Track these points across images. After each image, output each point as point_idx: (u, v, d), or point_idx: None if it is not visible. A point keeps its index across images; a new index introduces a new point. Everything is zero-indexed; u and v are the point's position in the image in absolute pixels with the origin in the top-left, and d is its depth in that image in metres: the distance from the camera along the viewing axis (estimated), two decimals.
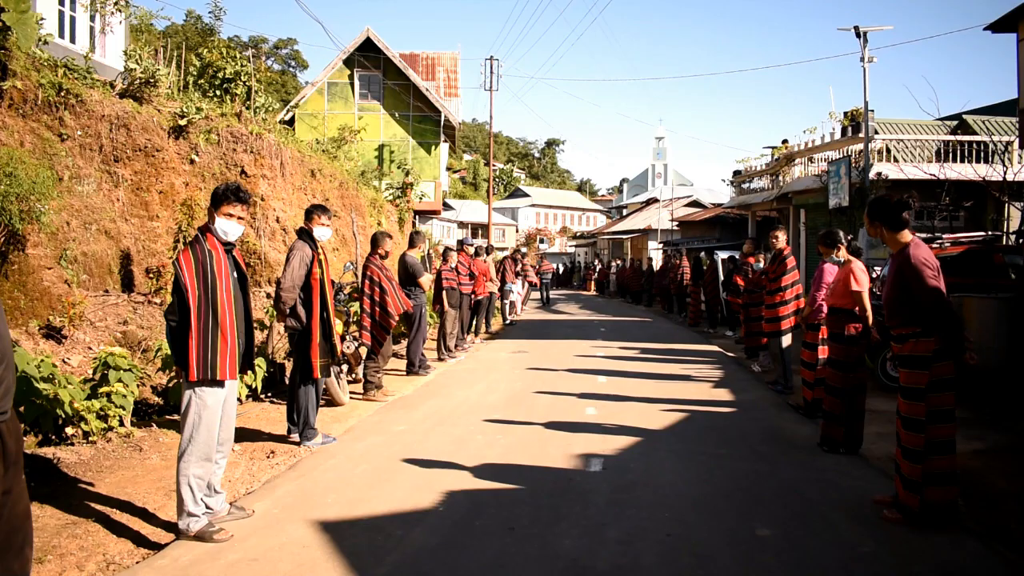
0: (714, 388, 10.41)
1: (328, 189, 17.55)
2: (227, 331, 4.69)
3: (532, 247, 59.93)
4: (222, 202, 4.86)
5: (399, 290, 9.68)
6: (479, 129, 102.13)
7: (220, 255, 4.78)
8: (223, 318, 4.67)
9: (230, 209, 4.87)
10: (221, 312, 4.67)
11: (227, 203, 4.86)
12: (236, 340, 4.76)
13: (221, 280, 4.71)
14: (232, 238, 4.89)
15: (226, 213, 4.86)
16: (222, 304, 4.68)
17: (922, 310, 4.84)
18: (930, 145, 22.30)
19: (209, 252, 4.75)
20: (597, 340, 16.75)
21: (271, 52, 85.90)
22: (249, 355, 5.14)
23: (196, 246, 4.77)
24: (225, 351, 4.67)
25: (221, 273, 4.73)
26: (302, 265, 6.71)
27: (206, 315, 4.64)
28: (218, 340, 4.65)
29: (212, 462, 4.79)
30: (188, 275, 4.64)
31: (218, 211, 4.86)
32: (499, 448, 7.03)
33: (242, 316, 4.94)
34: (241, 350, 4.88)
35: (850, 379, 6.72)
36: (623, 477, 6.09)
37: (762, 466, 6.48)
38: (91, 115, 11.25)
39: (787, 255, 9.85)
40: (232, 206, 4.88)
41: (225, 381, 4.74)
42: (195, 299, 4.63)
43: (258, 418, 8.25)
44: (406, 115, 30.49)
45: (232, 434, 5.11)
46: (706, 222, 38.23)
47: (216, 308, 4.66)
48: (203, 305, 4.64)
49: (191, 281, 4.63)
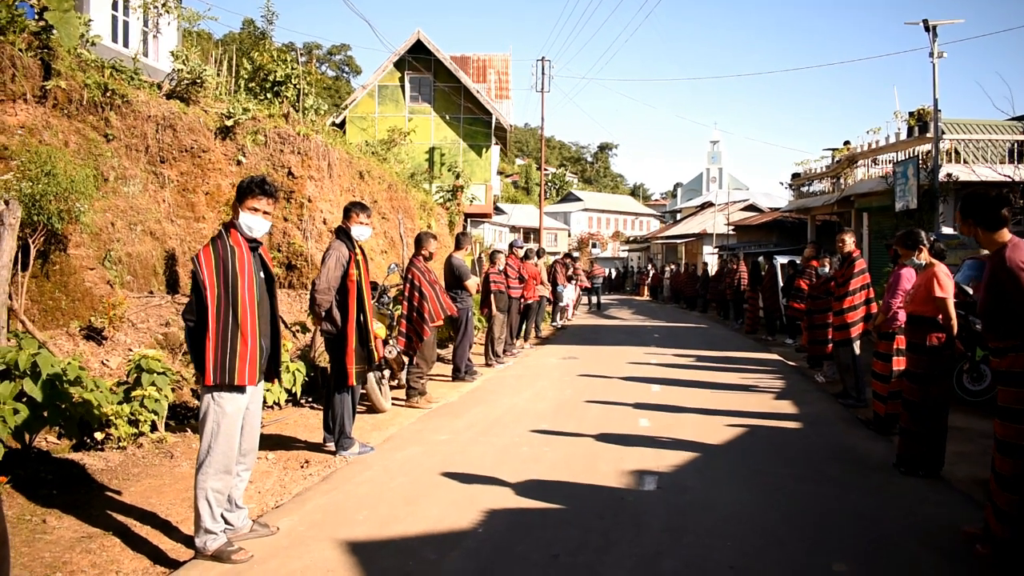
0: (776, 400, 9.81)
1: (376, 191, 17.33)
2: (248, 333, 4.34)
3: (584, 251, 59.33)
4: (246, 195, 4.53)
5: (442, 294, 9.30)
6: (531, 133, 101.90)
7: (244, 252, 4.45)
8: (244, 319, 4.32)
9: (255, 203, 4.52)
10: (242, 312, 4.32)
11: (251, 196, 4.52)
12: (258, 344, 4.41)
13: (243, 279, 4.36)
14: (257, 234, 4.55)
15: (251, 207, 4.51)
16: (243, 304, 4.33)
17: (1022, 320, 4.27)
18: (1002, 145, 21.20)
19: (232, 249, 4.41)
20: (650, 347, 16.20)
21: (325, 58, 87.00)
22: (275, 361, 4.78)
23: (218, 242, 4.44)
24: (245, 354, 4.32)
25: (244, 271, 4.38)
26: (338, 266, 6.36)
27: (225, 315, 4.30)
28: (238, 343, 4.30)
29: (232, 475, 4.45)
30: (207, 272, 4.30)
31: (242, 205, 4.52)
32: (545, 462, 6.58)
33: (267, 319, 4.59)
34: (264, 355, 4.53)
35: (931, 394, 6.11)
36: (680, 498, 5.60)
37: (833, 489, 5.92)
38: (137, 116, 11.17)
39: (856, 258, 9.23)
40: (257, 199, 4.53)
41: (246, 387, 4.38)
42: (213, 298, 4.29)
43: (296, 425, 7.95)
44: (457, 117, 30.24)
45: (256, 444, 4.76)
46: (763, 226, 37.32)
47: (237, 308, 4.31)
48: (223, 305, 4.30)
49: (210, 278, 4.30)
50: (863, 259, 9.33)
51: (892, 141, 22.00)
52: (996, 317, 4.39)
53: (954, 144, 20.19)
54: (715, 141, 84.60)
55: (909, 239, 6.74)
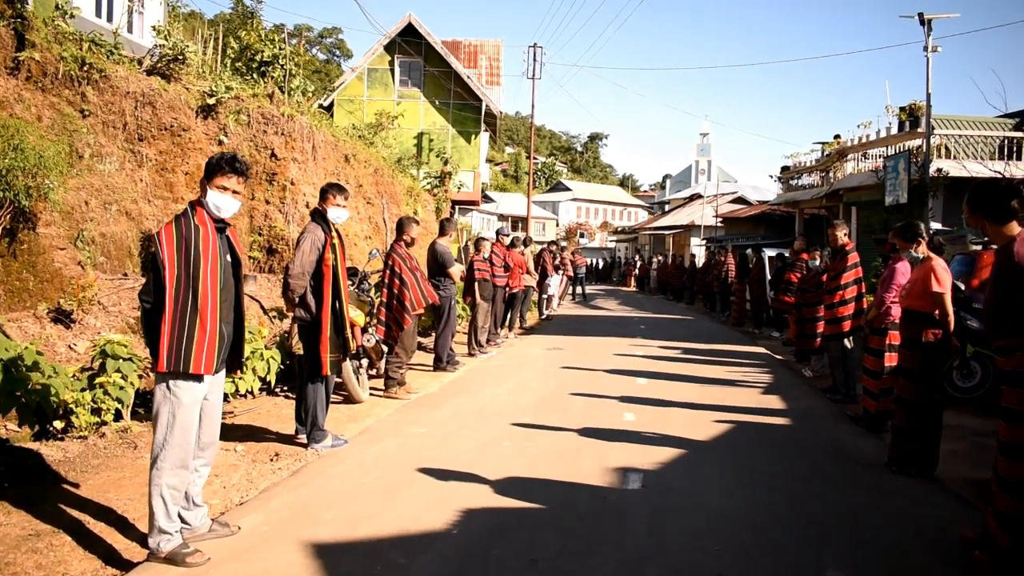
0: (764, 394, 9.59)
1: (362, 175, 17.00)
2: (208, 318, 4.05)
3: (572, 241, 59.05)
4: (215, 172, 4.23)
5: (424, 282, 9.01)
6: (521, 122, 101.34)
7: (209, 232, 4.15)
8: (204, 303, 4.03)
9: (224, 181, 4.23)
10: (203, 295, 4.03)
11: (220, 174, 4.22)
12: (218, 330, 4.12)
13: (206, 260, 4.07)
14: (225, 214, 4.26)
15: (219, 186, 4.22)
16: (204, 287, 4.04)
17: None
18: (991, 142, 21.05)
19: (196, 228, 4.11)
20: (637, 338, 15.96)
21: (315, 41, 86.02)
22: (238, 350, 4.49)
23: (182, 220, 4.14)
24: (203, 340, 4.02)
25: (208, 252, 4.09)
26: (313, 250, 6.07)
27: (184, 298, 4.01)
28: (196, 327, 4.01)
29: (189, 470, 4.16)
30: (167, 250, 4.01)
31: (211, 183, 4.22)
32: (527, 457, 6.33)
33: (231, 304, 4.30)
34: (226, 342, 4.24)
35: (926, 391, 5.89)
36: (666, 498, 5.35)
37: (825, 489, 5.70)
38: (115, 91, 10.83)
39: (849, 251, 9.00)
40: (226, 177, 4.24)
41: (203, 376, 4.10)
42: (172, 278, 3.99)
43: (268, 415, 7.66)
44: (446, 103, 29.84)
45: (216, 438, 4.46)
46: (751, 219, 37.17)
47: (197, 291, 4.02)
48: (182, 286, 4.01)
49: (170, 257, 4.00)
50: (856, 252, 9.11)
51: (883, 135, 21.82)
52: (1003, 314, 4.16)
53: (944, 140, 20.02)
54: (705, 133, 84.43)
55: (908, 231, 6.49)
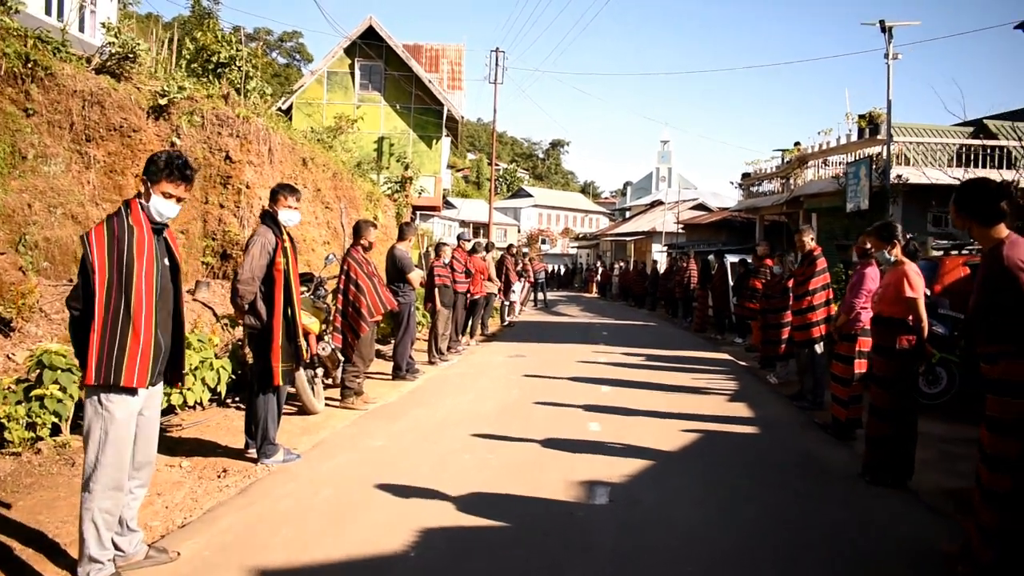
0: (730, 402, 9.44)
1: (320, 179, 16.63)
2: (142, 327, 3.73)
3: (534, 247, 58.90)
4: (161, 177, 3.91)
5: (382, 288, 8.70)
6: (483, 128, 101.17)
7: (145, 234, 3.84)
8: (138, 310, 3.72)
9: (171, 188, 3.92)
10: (136, 302, 3.72)
11: (169, 180, 3.91)
12: (153, 339, 3.80)
13: (141, 263, 3.76)
14: (166, 219, 3.96)
15: (165, 192, 3.91)
16: (139, 293, 3.72)
17: (1018, 323, 3.87)
18: (949, 149, 21.30)
19: (130, 228, 3.80)
20: (599, 344, 15.79)
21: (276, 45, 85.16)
22: (178, 361, 4.17)
23: (114, 220, 3.81)
24: (136, 351, 3.71)
25: (143, 255, 3.77)
26: (263, 254, 5.75)
27: (116, 305, 3.69)
28: (128, 336, 3.69)
29: (124, 492, 3.83)
30: (97, 253, 3.69)
31: (155, 186, 3.91)
32: (489, 471, 6.06)
33: (168, 312, 3.98)
34: (164, 353, 3.92)
35: (900, 400, 5.75)
36: (633, 512, 5.13)
37: (797, 501, 5.52)
38: (62, 90, 10.38)
39: (817, 256, 8.90)
40: (175, 185, 3.93)
41: (137, 389, 3.78)
42: (103, 283, 3.67)
43: (218, 427, 7.30)
44: (407, 107, 29.50)
45: (153, 456, 4.12)
46: (712, 225, 37.37)
47: (130, 297, 3.71)
48: (113, 292, 3.69)
49: (100, 261, 3.68)
50: (823, 258, 9.01)
51: (843, 142, 21.97)
52: (988, 319, 3.99)
53: (902, 147, 20.21)
54: (665, 141, 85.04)
55: (885, 231, 6.27)
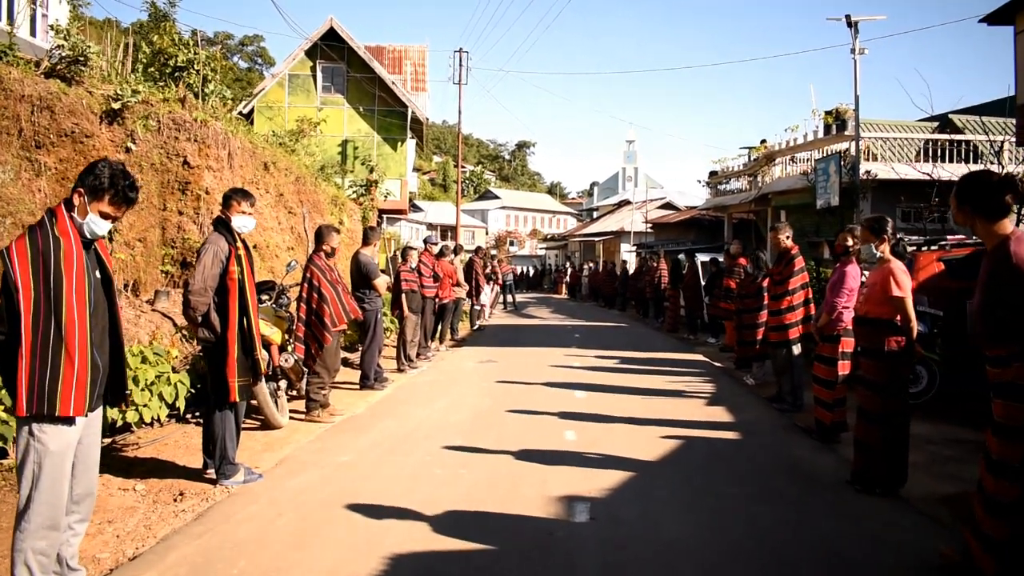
0: (708, 406, 9.21)
1: (283, 183, 16.18)
2: (76, 349, 3.38)
3: (502, 249, 58.60)
4: (104, 196, 3.59)
5: (346, 296, 8.35)
6: (449, 131, 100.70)
7: (73, 246, 3.49)
8: (71, 331, 3.37)
9: (108, 209, 3.62)
10: (68, 322, 3.37)
11: (111, 202, 3.61)
12: (89, 361, 3.45)
13: (71, 279, 3.41)
14: (94, 237, 3.63)
15: (103, 212, 3.60)
16: (70, 311, 3.37)
17: None
18: (915, 144, 21.39)
19: (56, 240, 3.45)
20: (572, 347, 15.54)
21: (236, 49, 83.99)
22: (119, 380, 3.82)
23: (37, 231, 3.46)
24: (71, 376, 3.35)
25: (72, 270, 3.43)
26: (216, 262, 5.39)
27: (45, 326, 3.34)
28: (61, 361, 3.34)
29: (61, 530, 3.47)
30: (20, 270, 3.34)
31: (94, 203, 3.58)
32: (461, 486, 5.75)
33: (104, 329, 3.64)
34: (102, 374, 3.58)
35: (891, 403, 5.52)
36: (616, 530, 4.84)
37: (787, 512, 5.27)
38: (9, 95, 9.93)
39: (795, 254, 8.70)
40: (115, 207, 3.62)
41: (74, 418, 3.42)
42: (28, 303, 3.32)
43: (176, 445, 6.90)
44: (371, 109, 29.05)
45: (94, 487, 3.76)
46: (681, 224, 37.37)
47: (61, 317, 3.36)
48: (41, 312, 3.33)
49: (24, 278, 3.33)
50: (801, 257, 8.81)
51: (810, 139, 21.95)
52: (996, 320, 3.75)
53: (869, 143, 20.23)
54: (631, 141, 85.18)
55: (878, 224, 5.93)
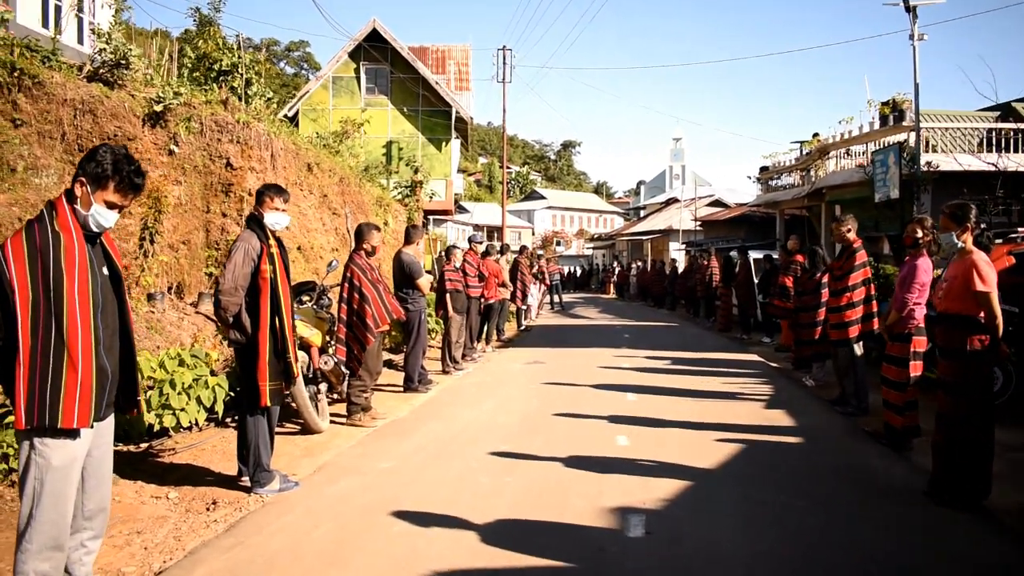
0: (767, 409, 8.74)
1: (327, 185, 16.07)
2: (80, 353, 3.12)
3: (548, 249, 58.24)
4: (108, 184, 3.32)
5: (387, 296, 8.07)
6: (494, 133, 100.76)
7: (75, 241, 3.22)
8: (73, 334, 3.10)
9: (116, 198, 3.34)
10: (71, 325, 3.10)
11: (118, 189, 3.33)
12: (94, 367, 3.19)
13: (73, 278, 3.14)
14: (100, 230, 3.37)
15: (108, 201, 3.33)
16: (72, 313, 3.11)
17: None
18: (976, 134, 20.50)
19: (55, 235, 3.18)
20: (621, 348, 15.11)
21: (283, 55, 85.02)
22: (131, 385, 3.56)
23: (35, 227, 3.20)
24: (75, 385, 3.09)
25: (74, 267, 3.16)
26: (247, 261, 5.14)
27: (46, 330, 3.08)
28: (64, 368, 3.08)
29: (64, 551, 3.22)
30: (15, 269, 3.08)
31: (98, 192, 3.31)
32: (508, 496, 5.42)
33: (113, 331, 3.38)
34: (110, 380, 3.32)
35: (973, 407, 5.05)
36: (675, 548, 4.46)
37: (862, 527, 4.82)
38: (52, 99, 9.91)
39: (858, 248, 8.19)
40: (122, 195, 3.35)
41: (79, 430, 3.16)
42: (25, 305, 3.06)
43: (214, 451, 6.70)
44: (415, 110, 28.93)
45: (107, 502, 3.51)
46: (730, 221, 36.57)
47: (62, 320, 3.09)
48: (41, 314, 3.08)
49: (21, 278, 3.08)
50: (864, 251, 8.31)
51: (866, 131, 21.21)
52: None
53: (927, 133, 19.44)
54: (678, 138, 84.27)
55: (960, 211, 5.41)
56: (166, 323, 10.01)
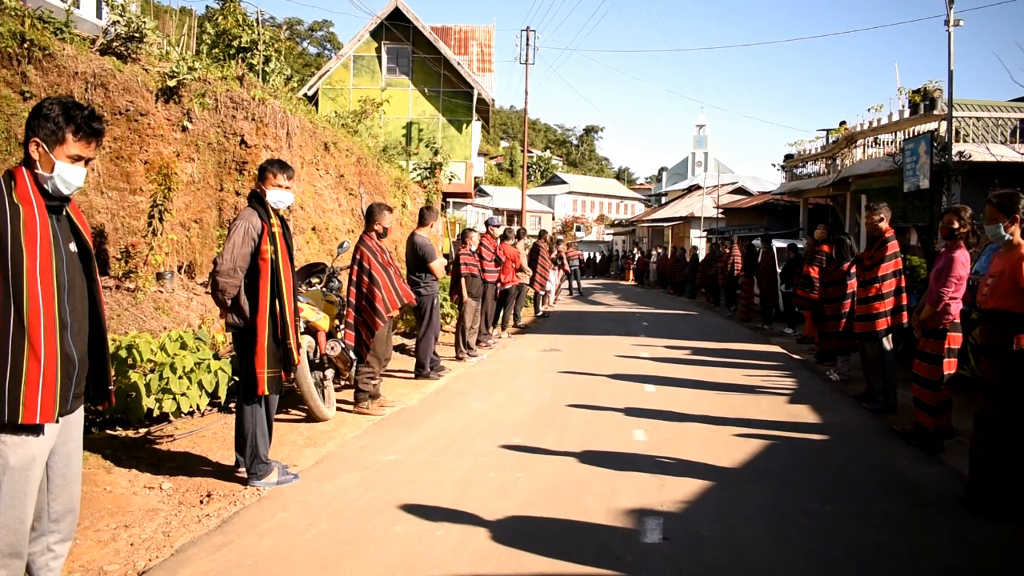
0: (791, 404, 8.39)
1: (344, 165, 15.82)
2: (42, 340, 2.83)
3: (568, 234, 57.78)
4: (65, 135, 2.99)
5: (398, 279, 7.77)
6: (516, 116, 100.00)
7: (36, 213, 2.91)
8: (35, 318, 2.81)
9: (78, 148, 3.01)
10: (32, 308, 2.81)
11: (76, 137, 2.99)
12: (61, 355, 2.91)
13: (34, 255, 2.84)
14: (72, 189, 3.03)
15: (71, 155, 3.00)
16: (34, 294, 2.81)
17: None
18: (1009, 124, 19.86)
19: (14, 208, 2.86)
20: (639, 336, 14.77)
21: (306, 35, 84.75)
22: (101, 374, 3.27)
23: None
24: (37, 375, 2.81)
25: (35, 243, 2.85)
26: (247, 240, 4.86)
27: (3, 316, 2.79)
28: (24, 356, 2.79)
29: (23, 558, 2.95)
30: None
31: (56, 148, 2.98)
32: (518, 495, 5.13)
33: (82, 313, 3.08)
34: (77, 369, 3.03)
35: (1016, 411, 4.69)
36: (695, 556, 4.14)
37: (897, 538, 4.48)
38: (62, 72, 9.70)
39: (890, 238, 7.81)
40: (85, 143, 3.02)
41: (42, 426, 2.89)
42: None
43: (214, 438, 6.45)
44: (436, 91, 28.59)
45: (75, 503, 3.22)
46: (753, 209, 35.97)
47: (21, 302, 2.80)
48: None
49: None
50: (896, 241, 7.92)
51: (896, 119, 20.64)
52: None
53: (957, 123, 18.86)
54: (701, 125, 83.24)
55: (1009, 200, 5.00)
56: (174, 303, 9.79)
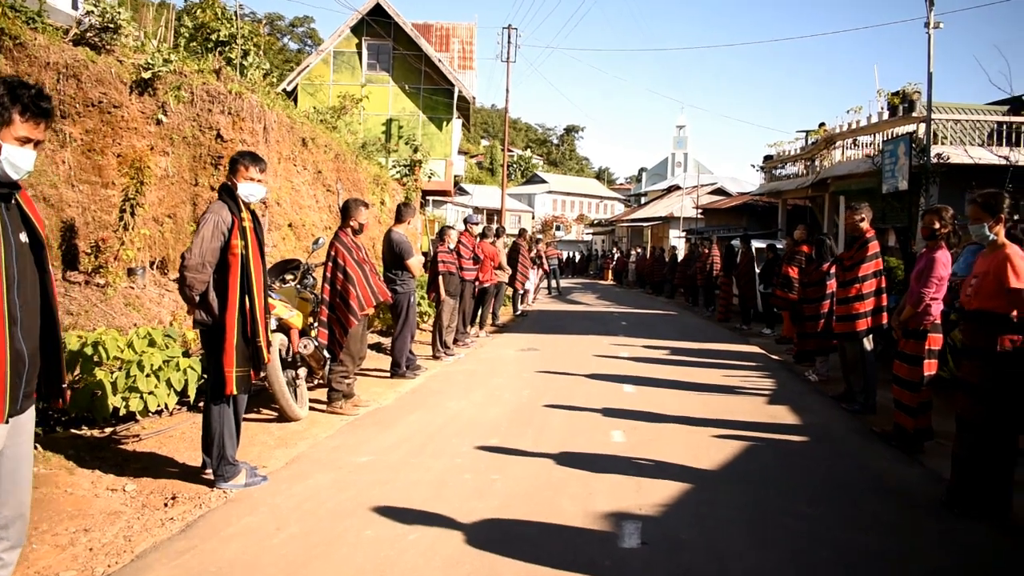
0: (770, 405, 8.33)
1: (321, 160, 15.62)
2: None
3: (548, 234, 57.74)
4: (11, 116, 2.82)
5: (373, 276, 7.62)
6: (497, 115, 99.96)
7: None
8: None
9: (26, 130, 2.84)
10: None
11: (23, 118, 2.82)
12: (10, 353, 2.75)
13: None
14: (21, 173, 2.86)
15: (19, 137, 2.83)
16: None
17: None
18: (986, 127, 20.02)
19: None
20: (618, 336, 14.71)
21: (287, 30, 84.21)
22: (55, 373, 3.11)
23: None
24: None
25: None
26: (216, 235, 4.71)
27: None
28: None
29: None
30: None
31: (3, 130, 2.81)
32: (493, 498, 5.01)
33: (35, 307, 2.93)
34: (27, 366, 2.87)
35: (998, 413, 4.63)
36: (674, 560, 4.05)
37: (883, 541, 4.40)
38: (33, 62, 9.43)
39: (870, 238, 7.78)
40: (33, 124, 2.86)
41: None
42: None
43: (182, 438, 6.28)
44: (416, 88, 28.38)
45: (24, 508, 3.06)
46: (733, 210, 36.15)
47: None
48: None
49: None
50: (876, 242, 7.89)
51: (875, 121, 20.76)
52: None
53: (936, 125, 18.99)
54: (681, 126, 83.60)
55: (993, 200, 4.99)
56: (145, 299, 9.59)
